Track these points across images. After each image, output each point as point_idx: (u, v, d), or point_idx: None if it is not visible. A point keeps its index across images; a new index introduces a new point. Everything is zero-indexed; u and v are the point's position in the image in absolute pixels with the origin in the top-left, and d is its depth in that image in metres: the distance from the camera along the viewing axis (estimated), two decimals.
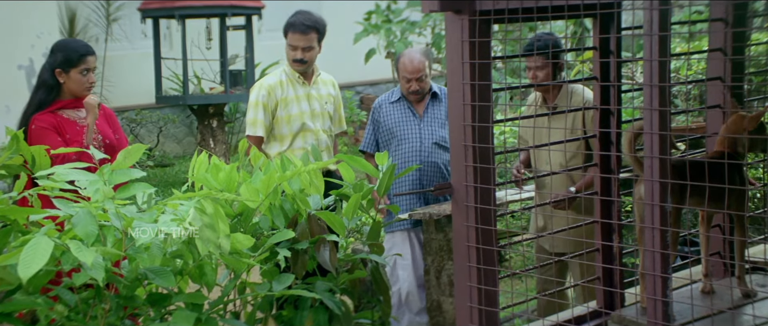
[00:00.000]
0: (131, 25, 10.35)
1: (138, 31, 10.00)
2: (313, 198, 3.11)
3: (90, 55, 3.96)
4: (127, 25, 10.43)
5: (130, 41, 10.63)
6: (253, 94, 4.60)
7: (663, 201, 2.60)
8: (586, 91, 4.13)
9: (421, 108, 4.73)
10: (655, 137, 2.57)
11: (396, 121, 4.69)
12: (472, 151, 2.85)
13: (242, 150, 3.37)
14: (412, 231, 4.72)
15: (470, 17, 2.78)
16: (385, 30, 8.48)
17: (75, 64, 3.91)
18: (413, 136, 4.67)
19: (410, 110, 4.71)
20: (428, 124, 4.70)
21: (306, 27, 4.61)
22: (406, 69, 4.64)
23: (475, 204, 2.85)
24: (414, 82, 4.62)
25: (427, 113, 4.71)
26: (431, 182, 4.63)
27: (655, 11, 2.50)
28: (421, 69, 4.66)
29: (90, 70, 3.95)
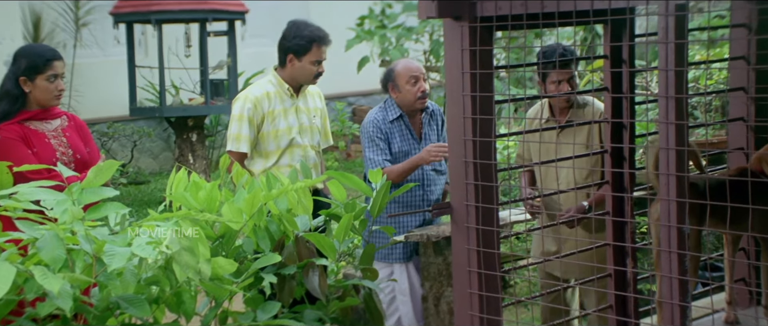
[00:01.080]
0: (102, 30, 10.38)
1: (110, 37, 10.02)
2: (301, 219, 3.11)
3: (57, 60, 3.97)
4: (98, 30, 10.45)
5: (102, 48, 10.65)
6: (237, 106, 4.59)
7: (681, 222, 2.62)
8: (598, 103, 4.16)
9: (418, 127, 4.75)
10: (672, 153, 2.60)
11: (398, 143, 4.69)
12: (472, 167, 2.87)
13: (224, 166, 3.38)
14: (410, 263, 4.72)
15: (470, 24, 2.81)
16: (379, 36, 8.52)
17: (41, 71, 3.92)
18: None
19: (409, 131, 4.71)
20: (426, 146, 4.72)
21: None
22: (410, 69, 4.67)
23: (477, 226, 2.86)
24: (422, 82, 4.66)
25: (425, 134, 4.74)
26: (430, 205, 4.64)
27: (670, 17, 2.53)
28: (422, 68, 4.73)
29: (58, 76, 3.96)
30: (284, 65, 4.61)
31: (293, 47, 4.56)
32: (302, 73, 4.58)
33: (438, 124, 4.82)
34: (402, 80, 4.65)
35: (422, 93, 4.64)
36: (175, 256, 2.46)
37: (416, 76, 4.65)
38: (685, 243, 2.65)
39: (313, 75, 4.58)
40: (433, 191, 4.76)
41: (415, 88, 4.63)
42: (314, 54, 4.54)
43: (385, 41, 8.58)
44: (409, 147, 4.69)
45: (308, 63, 4.55)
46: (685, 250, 2.64)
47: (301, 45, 4.54)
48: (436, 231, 4.51)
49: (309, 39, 4.54)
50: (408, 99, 4.66)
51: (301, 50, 4.54)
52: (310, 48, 4.53)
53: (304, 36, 4.55)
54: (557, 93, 4.08)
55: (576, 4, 2.67)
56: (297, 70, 4.58)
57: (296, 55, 4.56)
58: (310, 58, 4.54)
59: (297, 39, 4.56)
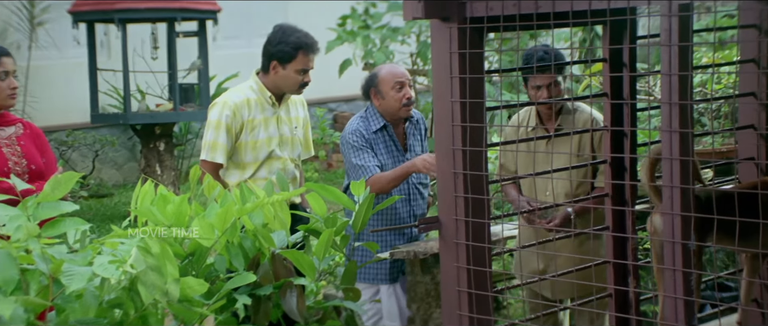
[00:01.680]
0: (61, 30, 10.34)
1: (69, 37, 9.97)
2: (278, 235, 3.12)
3: (5, 56, 3.95)
4: (56, 30, 10.41)
5: (60, 49, 10.61)
6: (215, 112, 4.58)
7: (686, 237, 2.64)
8: (586, 109, 4.19)
9: (402, 138, 4.75)
10: (676, 163, 2.62)
11: (383, 158, 4.69)
12: (462, 179, 2.88)
13: (194, 178, 3.38)
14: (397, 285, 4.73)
15: (460, 25, 2.83)
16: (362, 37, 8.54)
17: None
18: None
19: (393, 142, 4.72)
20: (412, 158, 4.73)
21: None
22: (395, 74, 4.67)
23: (467, 242, 2.88)
24: (408, 88, 4.67)
25: (410, 145, 4.75)
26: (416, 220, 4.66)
27: (674, 17, 2.56)
28: (407, 73, 4.74)
29: (9, 73, 3.94)
30: (267, 71, 4.60)
31: (277, 54, 4.55)
32: (286, 81, 4.57)
33: (421, 133, 4.83)
34: (386, 86, 4.65)
35: (408, 100, 4.64)
36: (141, 276, 2.46)
37: (402, 81, 4.65)
38: (691, 260, 2.67)
39: (298, 85, 4.57)
40: (419, 205, 4.77)
41: (400, 94, 4.63)
42: (300, 62, 4.53)
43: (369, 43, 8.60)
44: (393, 160, 4.69)
45: (293, 71, 4.54)
46: (691, 268, 2.66)
47: (286, 52, 4.53)
48: (424, 247, 4.53)
49: (295, 46, 4.53)
50: (392, 106, 4.66)
51: (286, 57, 4.53)
52: (296, 55, 4.53)
53: (289, 42, 4.54)
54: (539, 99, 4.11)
55: (573, 4, 2.70)
56: (280, 78, 4.57)
57: (280, 62, 4.55)
58: (296, 66, 4.53)
59: (282, 45, 4.55)
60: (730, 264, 5.15)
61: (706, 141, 5.52)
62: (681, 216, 2.64)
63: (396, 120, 4.71)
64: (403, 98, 4.63)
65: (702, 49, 6.24)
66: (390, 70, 4.72)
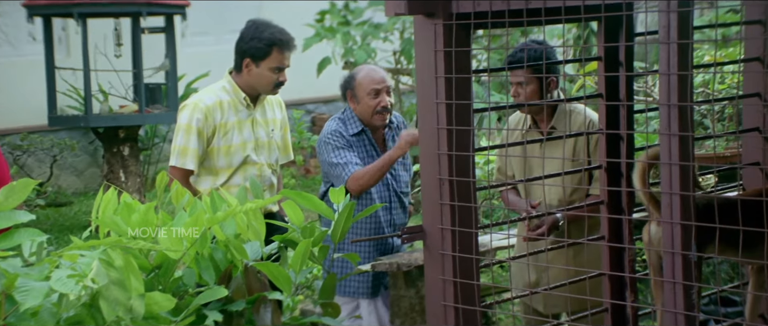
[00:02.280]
0: (14, 25, 10.30)
1: (24, 33, 9.93)
2: (252, 246, 3.13)
3: None
4: (9, 25, 10.37)
5: (14, 46, 10.57)
6: (185, 114, 4.57)
7: (686, 248, 2.67)
8: (588, 111, 4.22)
9: (381, 143, 4.76)
10: (675, 168, 2.65)
11: (364, 162, 4.70)
12: (448, 185, 2.90)
13: (161, 185, 3.38)
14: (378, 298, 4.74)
15: (445, 21, 2.85)
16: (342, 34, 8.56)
17: None
18: (381, 183, 4.69)
19: (373, 147, 4.73)
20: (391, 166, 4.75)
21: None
22: (373, 79, 4.67)
23: (453, 253, 2.89)
24: (384, 95, 4.67)
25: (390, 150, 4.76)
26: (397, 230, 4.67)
27: (673, 13, 2.59)
28: (387, 79, 4.74)
29: None
30: (240, 70, 4.61)
31: (250, 50, 4.55)
32: (260, 81, 4.58)
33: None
34: (362, 90, 4.67)
35: (382, 108, 4.65)
36: (103, 291, 2.46)
37: (378, 88, 4.65)
38: (691, 272, 2.70)
39: (273, 84, 4.58)
40: (400, 214, 4.79)
41: (374, 101, 4.65)
42: (274, 59, 4.54)
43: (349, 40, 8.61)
44: None
45: (267, 69, 4.55)
46: (692, 280, 2.69)
47: (259, 48, 4.54)
48: (408, 259, 4.54)
49: (268, 41, 4.54)
50: (366, 112, 4.68)
51: (259, 54, 4.54)
52: (270, 52, 4.53)
53: (263, 38, 4.54)
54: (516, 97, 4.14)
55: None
56: (254, 77, 4.58)
57: (253, 59, 4.55)
58: (270, 63, 4.54)
59: (255, 41, 4.55)
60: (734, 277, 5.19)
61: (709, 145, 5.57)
62: (681, 225, 2.66)
63: (372, 126, 4.73)
64: (377, 105, 4.65)
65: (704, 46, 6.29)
66: (368, 74, 4.72)
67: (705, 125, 6.02)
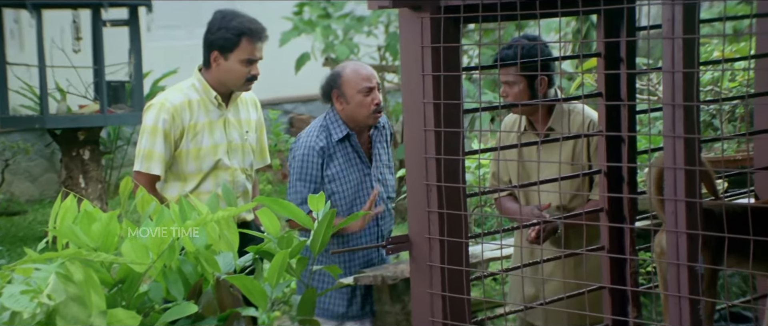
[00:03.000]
0: None
1: None
2: (224, 258, 3.13)
3: None
4: None
5: None
6: (151, 115, 4.57)
7: (693, 259, 2.69)
8: (587, 110, 4.25)
9: (366, 147, 4.75)
10: (680, 173, 2.67)
11: (347, 171, 4.70)
12: (436, 192, 2.92)
13: (125, 191, 3.39)
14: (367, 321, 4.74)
15: (433, 15, 2.87)
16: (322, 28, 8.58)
17: None
18: (366, 191, 4.70)
19: (356, 153, 4.72)
20: (378, 170, 4.76)
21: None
22: (363, 76, 4.64)
23: (441, 264, 2.91)
24: (376, 92, 4.66)
25: (375, 155, 4.76)
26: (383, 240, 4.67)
27: (677, 6, 2.61)
28: (375, 74, 4.74)
29: None
30: (209, 65, 4.61)
31: (218, 42, 4.56)
32: (230, 75, 4.58)
33: (387, 140, 4.84)
34: (351, 89, 4.63)
35: (377, 106, 4.63)
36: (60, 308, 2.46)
37: (370, 85, 4.62)
38: (699, 285, 2.72)
39: (244, 78, 4.58)
40: (386, 221, 4.79)
41: (368, 99, 4.60)
42: (244, 50, 4.55)
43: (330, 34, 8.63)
44: (358, 173, 4.68)
45: (237, 62, 4.55)
46: (699, 294, 2.71)
47: (228, 39, 4.55)
48: (393, 271, 4.56)
49: (237, 31, 4.54)
50: (359, 113, 4.64)
51: (228, 45, 4.55)
52: (239, 43, 4.54)
53: (231, 28, 4.55)
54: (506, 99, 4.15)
55: None
56: (223, 71, 4.58)
57: (222, 51, 4.56)
58: (240, 55, 4.54)
59: (222, 31, 4.56)
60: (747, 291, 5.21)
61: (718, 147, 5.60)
62: (687, 234, 2.68)
63: (361, 128, 4.72)
64: (372, 104, 4.62)
65: (713, 41, 6.33)
66: (356, 70, 4.69)
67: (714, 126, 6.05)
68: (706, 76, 5.65)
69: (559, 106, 4.21)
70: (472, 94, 8.25)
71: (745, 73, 5.23)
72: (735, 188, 4.32)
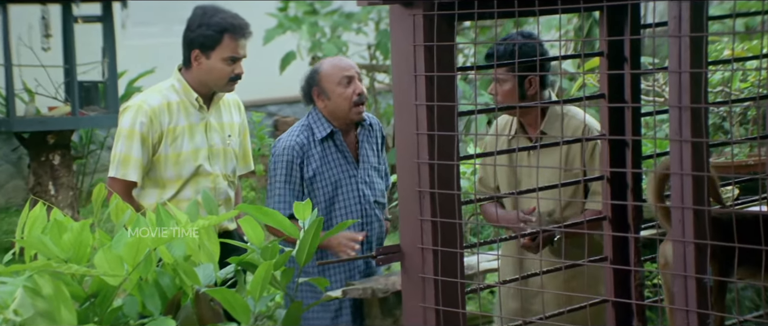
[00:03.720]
0: None
1: None
2: (204, 270, 3.14)
3: None
4: None
5: None
6: (128, 117, 4.57)
7: (701, 271, 2.70)
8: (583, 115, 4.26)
9: (353, 147, 4.78)
10: (688, 179, 2.69)
11: (330, 171, 4.71)
12: (429, 199, 2.92)
13: (98, 199, 3.39)
14: None
15: (425, 12, 2.88)
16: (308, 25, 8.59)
17: None
18: (351, 193, 4.72)
19: (341, 153, 4.74)
20: (365, 172, 4.77)
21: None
22: (341, 67, 4.68)
23: (435, 276, 2.92)
24: (357, 82, 4.68)
25: (362, 156, 4.78)
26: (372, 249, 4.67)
27: (684, 2, 2.63)
28: (355, 65, 4.77)
29: None
30: (189, 65, 4.62)
31: (199, 40, 4.57)
32: (212, 74, 4.59)
33: (377, 141, 4.86)
34: (330, 82, 4.68)
35: (359, 96, 4.67)
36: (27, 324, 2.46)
37: (350, 75, 4.68)
38: (707, 298, 2.73)
39: (227, 78, 4.59)
40: (373, 228, 4.79)
41: (349, 90, 4.66)
42: (227, 48, 4.56)
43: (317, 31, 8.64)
44: (342, 174, 4.71)
45: (219, 60, 4.56)
46: (707, 308, 2.73)
47: (209, 36, 4.56)
48: (384, 283, 4.56)
49: (219, 28, 4.55)
50: (341, 107, 4.69)
51: (209, 43, 4.56)
52: (221, 40, 4.55)
53: (212, 24, 4.56)
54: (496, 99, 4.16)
55: None
56: (205, 70, 4.59)
57: (203, 50, 4.57)
58: (222, 53, 4.55)
59: (203, 28, 4.56)
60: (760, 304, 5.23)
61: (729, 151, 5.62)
62: (695, 244, 2.70)
63: (347, 125, 4.75)
64: (353, 95, 4.66)
65: (723, 39, 6.34)
66: (334, 63, 4.75)
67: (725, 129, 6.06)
68: (716, 77, 5.67)
69: (552, 109, 4.22)
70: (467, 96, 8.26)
71: (758, 73, 5.25)
72: (747, 195, 4.33)
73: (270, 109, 12.05)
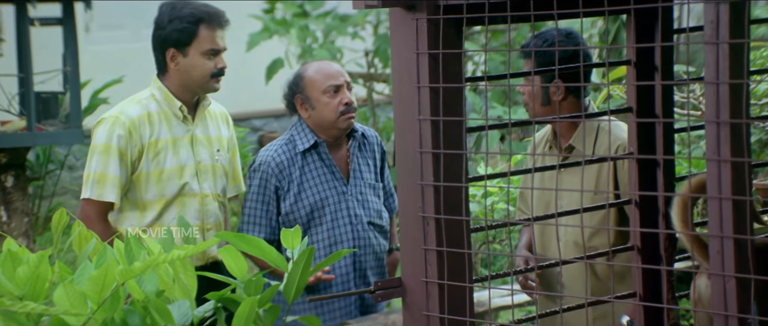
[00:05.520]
0: None
1: None
2: (179, 307, 3.14)
3: None
4: None
5: None
6: (102, 131, 4.55)
7: (743, 309, 2.70)
8: (618, 128, 4.27)
9: (343, 161, 4.80)
10: (727, 204, 2.69)
11: (312, 188, 4.73)
12: (434, 226, 2.93)
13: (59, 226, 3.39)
14: None
15: (430, 15, 2.89)
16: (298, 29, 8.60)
17: None
18: (339, 213, 4.73)
19: (328, 167, 4.76)
20: (358, 189, 4.78)
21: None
22: (328, 73, 4.72)
23: (441, 314, 2.92)
24: (345, 91, 4.70)
25: (354, 171, 4.79)
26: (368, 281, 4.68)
27: (723, 4, 2.64)
28: (344, 72, 4.80)
29: None
30: (165, 69, 4.63)
31: (173, 36, 4.58)
32: (193, 73, 4.59)
33: (375, 157, 4.86)
34: (315, 90, 4.72)
35: (346, 106, 4.70)
36: None
37: (337, 83, 4.71)
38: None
39: (210, 73, 4.61)
40: (370, 260, 4.79)
41: (335, 100, 4.69)
42: (204, 40, 4.57)
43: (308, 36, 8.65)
44: (329, 191, 4.73)
45: (199, 56, 4.57)
46: None
47: (183, 30, 4.57)
48: (384, 322, 4.56)
49: (193, 19, 4.57)
50: (326, 118, 4.71)
51: (184, 38, 4.57)
52: (197, 32, 4.57)
53: (184, 17, 4.57)
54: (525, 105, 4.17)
55: None
56: (185, 70, 4.59)
57: (179, 47, 4.58)
58: (200, 46, 4.57)
59: (175, 23, 4.58)
60: None
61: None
62: (736, 278, 2.70)
63: (335, 136, 4.77)
64: (340, 105, 4.69)
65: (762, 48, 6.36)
66: (320, 69, 4.78)
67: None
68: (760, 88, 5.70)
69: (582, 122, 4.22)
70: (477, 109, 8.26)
71: None
72: None
73: (254, 123, 12.06)
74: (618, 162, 4.10)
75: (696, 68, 6.76)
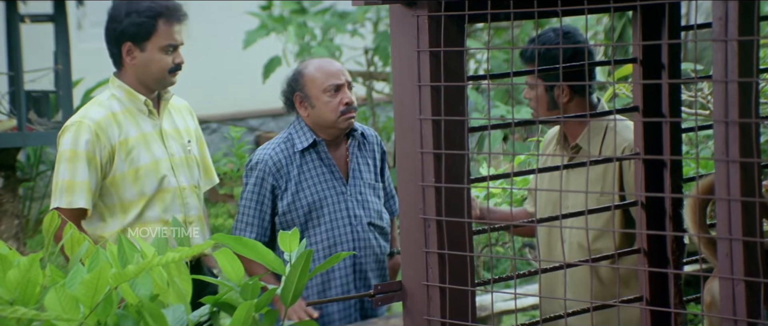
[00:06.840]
0: None
1: None
2: (174, 311, 3.15)
3: None
4: None
5: None
6: (67, 138, 4.57)
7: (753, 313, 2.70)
8: (626, 129, 4.28)
9: (342, 161, 4.81)
10: (736, 206, 2.69)
11: (311, 188, 4.74)
12: (435, 228, 2.93)
13: (50, 228, 3.39)
14: None
15: (431, 12, 2.90)
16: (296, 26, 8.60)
17: None
18: (339, 213, 4.73)
19: (327, 167, 4.77)
20: (357, 189, 4.79)
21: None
22: (328, 72, 4.73)
23: (442, 319, 2.92)
24: (346, 90, 4.71)
25: (354, 171, 4.80)
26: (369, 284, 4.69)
27: (731, 1, 2.64)
28: (345, 70, 4.81)
29: None
30: (122, 65, 4.66)
31: (130, 30, 4.61)
32: (150, 68, 4.62)
33: (374, 157, 4.87)
34: (315, 88, 4.74)
35: (347, 106, 4.72)
36: None
37: (338, 82, 4.73)
38: None
39: (168, 69, 4.63)
40: (371, 262, 4.79)
41: (336, 100, 4.71)
42: (163, 35, 4.61)
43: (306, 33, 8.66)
44: (328, 191, 4.74)
45: (157, 51, 4.60)
46: None
47: (140, 24, 4.60)
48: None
49: (152, 13, 4.61)
50: (326, 117, 4.74)
51: (142, 32, 4.60)
52: (155, 26, 4.61)
53: (142, 11, 4.60)
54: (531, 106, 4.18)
55: None
56: (141, 65, 4.62)
57: (136, 41, 4.61)
58: (159, 41, 4.60)
59: (133, 16, 4.61)
60: None
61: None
62: (745, 282, 2.70)
63: (334, 136, 4.79)
64: (340, 104, 4.71)
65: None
66: (320, 66, 4.80)
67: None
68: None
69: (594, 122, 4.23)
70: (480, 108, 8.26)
71: None
72: None
73: (251, 123, 12.05)
74: (624, 164, 4.11)
75: (704, 66, 6.76)
